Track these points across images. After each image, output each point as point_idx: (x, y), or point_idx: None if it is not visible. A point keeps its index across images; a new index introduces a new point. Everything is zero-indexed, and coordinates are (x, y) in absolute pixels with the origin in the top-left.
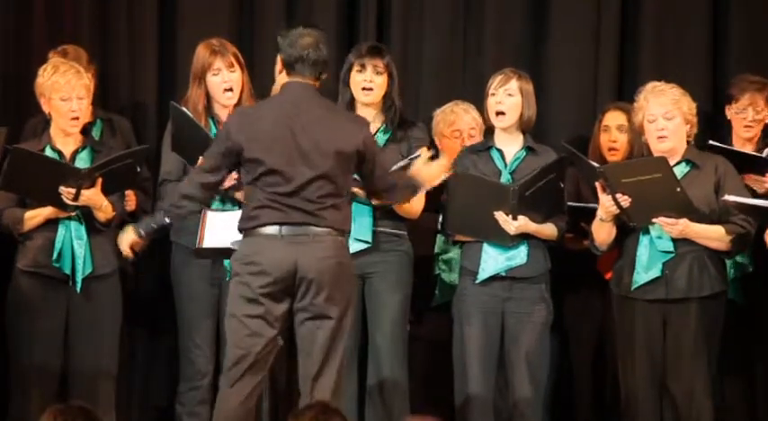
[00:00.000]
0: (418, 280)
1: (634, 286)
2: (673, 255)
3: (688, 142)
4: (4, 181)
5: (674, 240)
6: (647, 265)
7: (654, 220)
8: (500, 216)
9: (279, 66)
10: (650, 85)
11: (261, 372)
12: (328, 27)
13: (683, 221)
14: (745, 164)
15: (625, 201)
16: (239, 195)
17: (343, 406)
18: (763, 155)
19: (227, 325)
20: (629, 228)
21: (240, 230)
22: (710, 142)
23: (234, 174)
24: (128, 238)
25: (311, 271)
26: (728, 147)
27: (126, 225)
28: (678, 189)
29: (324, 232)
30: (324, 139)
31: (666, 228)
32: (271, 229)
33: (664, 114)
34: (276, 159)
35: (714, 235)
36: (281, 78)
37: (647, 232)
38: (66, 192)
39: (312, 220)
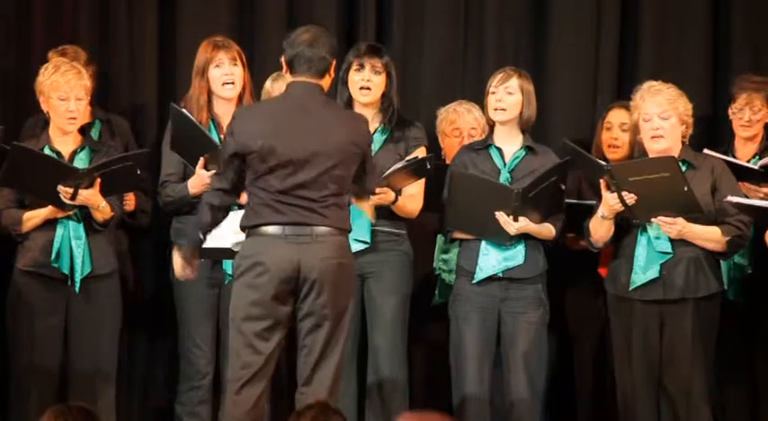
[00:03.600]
0: (418, 280)
1: (632, 286)
2: (671, 255)
3: (683, 143)
4: (2, 176)
5: (672, 241)
6: (644, 266)
7: (653, 220)
8: (501, 217)
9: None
10: (647, 85)
11: (267, 377)
12: (328, 27)
13: (681, 221)
14: (739, 172)
15: (631, 199)
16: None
17: (340, 404)
18: (756, 167)
19: (231, 329)
20: (627, 226)
21: (243, 229)
22: (705, 151)
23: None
24: (181, 264)
25: (314, 271)
26: (722, 157)
27: (124, 226)
28: (686, 188)
29: (326, 232)
30: (327, 139)
31: (665, 228)
32: (273, 229)
33: (660, 114)
34: (279, 158)
35: (711, 236)
36: (279, 82)
37: (644, 232)
38: (64, 192)
39: (315, 220)
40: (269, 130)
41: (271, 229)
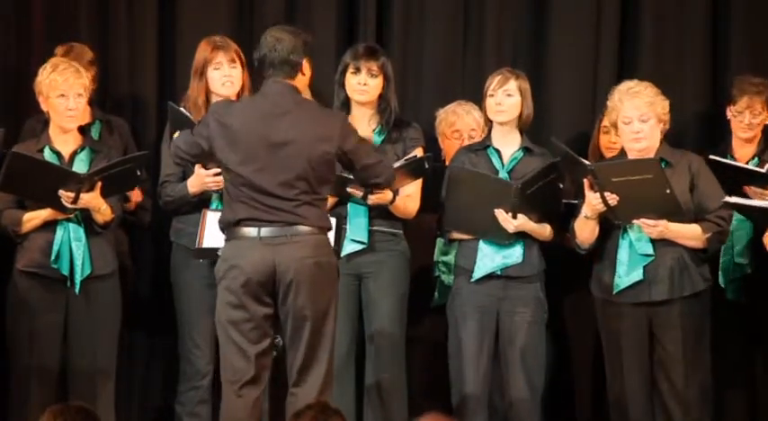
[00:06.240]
0: (417, 281)
1: (616, 289)
2: (652, 257)
3: (661, 140)
4: (2, 183)
5: (654, 242)
6: (627, 268)
7: (634, 222)
8: (500, 214)
9: None
10: (625, 86)
11: (264, 379)
12: (328, 27)
13: (663, 222)
14: (746, 176)
15: (613, 199)
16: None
17: (339, 404)
18: (764, 170)
19: (218, 332)
20: (610, 227)
21: (221, 230)
22: (711, 157)
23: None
24: None
25: (290, 271)
26: (729, 162)
27: (124, 226)
28: (668, 190)
29: (303, 231)
30: (298, 138)
31: (647, 230)
32: (249, 231)
33: (639, 117)
34: (250, 158)
35: (691, 234)
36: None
37: (626, 234)
38: (66, 196)
39: (290, 219)
40: (239, 131)
41: (246, 231)
